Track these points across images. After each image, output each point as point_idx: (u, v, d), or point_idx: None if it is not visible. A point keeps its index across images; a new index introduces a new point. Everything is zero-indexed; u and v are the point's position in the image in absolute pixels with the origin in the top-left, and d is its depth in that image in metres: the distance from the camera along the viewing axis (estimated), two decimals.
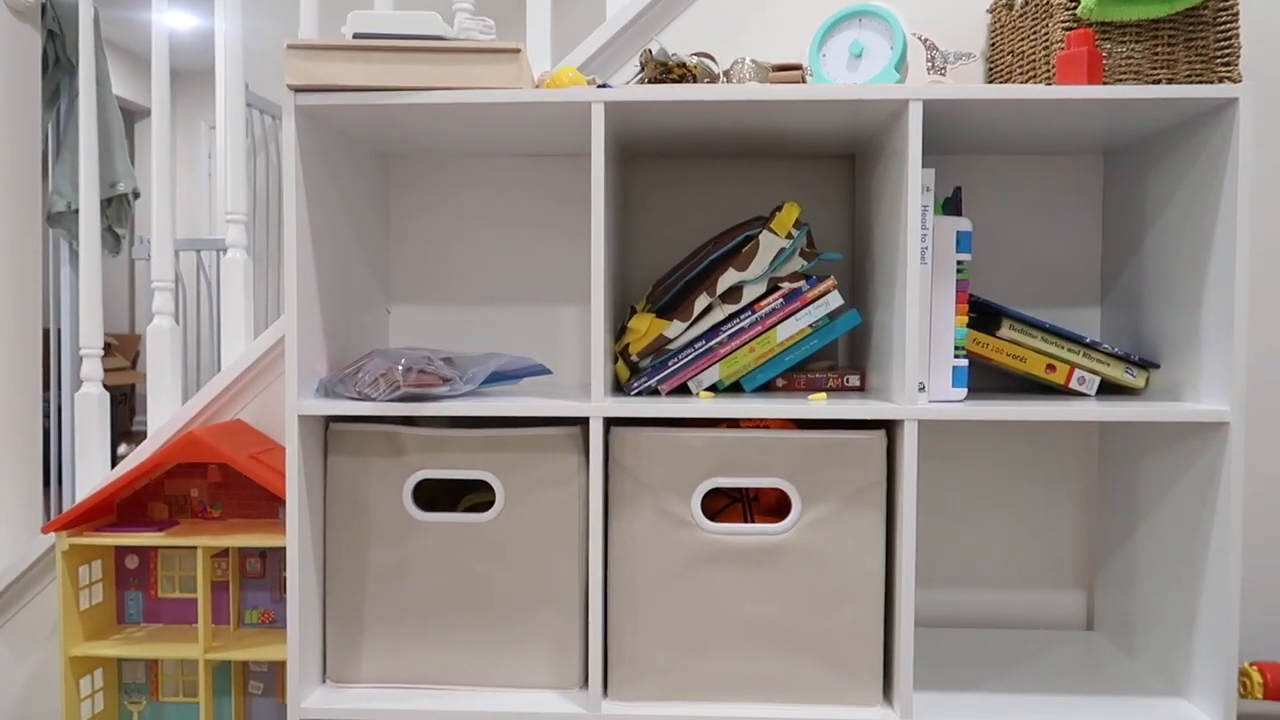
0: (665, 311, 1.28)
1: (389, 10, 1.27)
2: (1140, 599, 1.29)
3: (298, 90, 1.13)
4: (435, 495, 1.32)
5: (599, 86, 1.14)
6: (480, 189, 1.48)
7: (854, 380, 1.31)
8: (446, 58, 1.12)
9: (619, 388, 1.29)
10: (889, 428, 1.16)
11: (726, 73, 1.28)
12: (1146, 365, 1.25)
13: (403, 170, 1.48)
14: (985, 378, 1.42)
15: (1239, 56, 1.15)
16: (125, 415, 4.72)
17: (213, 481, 1.49)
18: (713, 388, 1.25)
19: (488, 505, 1.27)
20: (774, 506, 1.25)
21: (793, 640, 1.14)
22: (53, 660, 1.58)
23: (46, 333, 1.79)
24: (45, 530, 1.38)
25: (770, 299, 1.24)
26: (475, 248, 1.48)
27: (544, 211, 1.47)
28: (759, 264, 1.23)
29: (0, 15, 1.65)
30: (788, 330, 1.24)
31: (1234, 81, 1.14)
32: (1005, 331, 1.23)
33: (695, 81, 1.22)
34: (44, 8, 1.78)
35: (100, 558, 1.46)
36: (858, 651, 1.14)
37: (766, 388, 1.30)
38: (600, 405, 1.12)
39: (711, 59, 1.28)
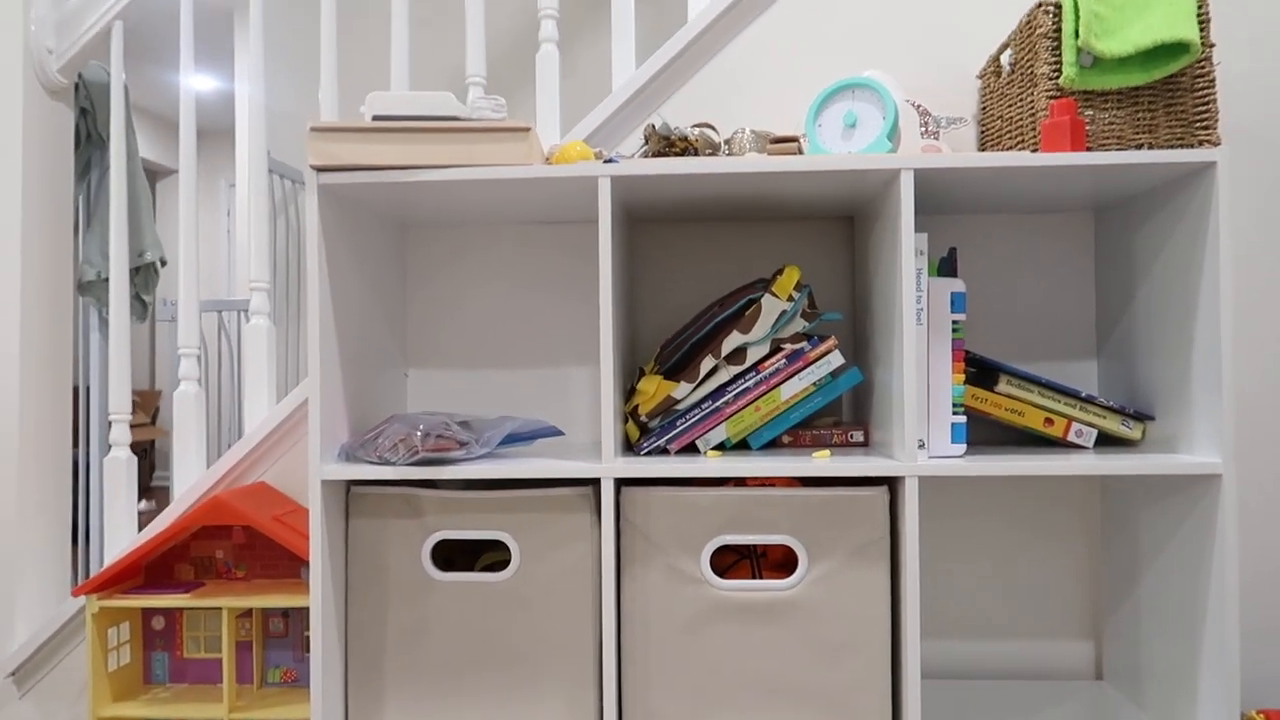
0: (673, 373, 1.33)
1: (406, 92, 1.34)
2: (1146, 648, 1.31)
3: (320, 170, 1.20)
4: (452, 555, 1.36)
5: (605, 160, 1.20)
6: (492, 255, 1.53)
7: (858, 436, 1.35)
8: (461, 137, 1.18)
9: (629, 447, 1.33)
10: (891, 484, 1.19)
11: (727, 142, 1.34)
12: (1142, 417, 1.28)
13: (418, 239, 1.54)
14: (985, 431, 1.45)
15: (1217, 120, 1.19)
16: (146, 471, 4.78)
17: (237, 543, 1.53)
18: (720, 446, 1.29)
19: (503, 564, 1.31)
20: (781, 562, 1.28)
21: (801, 693, 1.17)
22: None
23: (75, 389, 1.85)
24: (76, 593, 1.43)
25: (773, 359, 1.28)
26: (488, 312, 1.53)
27: (553, 276, 1.53)
28: (761, 326, 1.27)
29: (36, 95, 1.73)
30: (791, 389, 1.28)
31: (1213, 145, 1.19)
32: (1003, 386, 1.27)
33: (697, 154, 1.28)
34: (76, 87, 1.87)
35: (128, 619, 1.50)
36: (865, 704, 1.16)
37: (773, 444, 1.34)
38: (611, 466, 1.16)
39: (712, 128, 1.34)
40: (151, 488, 4.81)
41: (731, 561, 1.28)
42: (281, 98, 2.60)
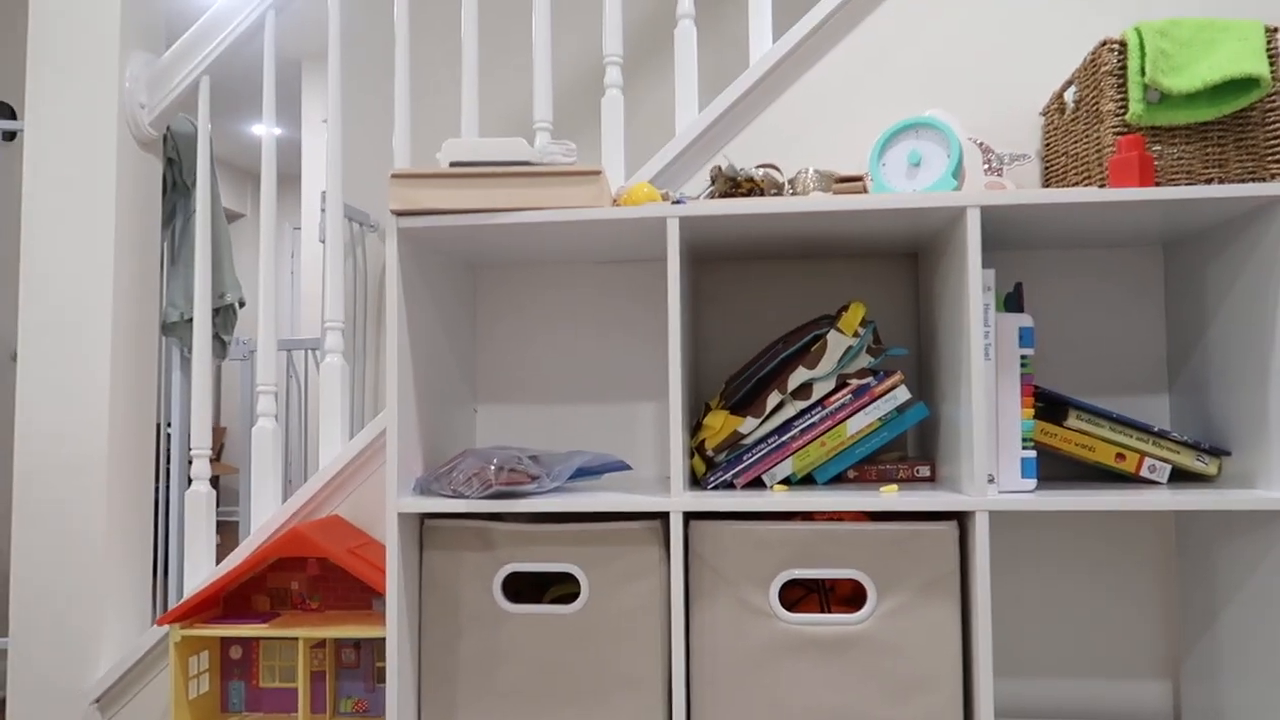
0: (739, 408, 1.35)
1: (480, 138, 1.39)
2: (1227, 689, 1.27)
3: (400, 214, 1.25)
4: (520, 587, 1.38)
5: (674, 202, 1.23)
6: (559, 294, 1.57)
7: (924, 471, 1.35)
8: (534, 181, 1.23)
9: (695, 482, 1.35)
10: (961, 519, 1.19)
11: (791, 182, 1.36)
12: (1218, 452, 1.26)
13: (488, 278, 1.59)
14: (1056, 466, 1.44)
15: None
16: None
17: (311, 575, 1.57)
18: (786, 480, 1.30)
19: (572, 596, 1.32)
20: (849, 596, 1.28)
21: None
22: None
23: (157, 426, 1.93)
24: (159, 623, 1.48)
25: (839, 394, 1.29)
26: (555, 349, 1.57)
27: (619, 314, 1.56)
28: (827, 362, 1.29)
29: (129, 147, 1.83)
30: (857, 424, 1.29)
31: None
32: (1072, 421, 1.26)
33: (763, 194, 1.31)
34: (165, 138, 1.97)
35: (207, 648, 1.54)
36: None
37: (839, 479, 1.35)
38: (680, 500, 1.18)
39: (776, 169, 1.37)
40: (217, 523, 4.93)
41: (799, 596, 1.28)
42: (345, 143, 2.69)
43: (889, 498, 1.16)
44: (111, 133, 1.78)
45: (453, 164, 1.25)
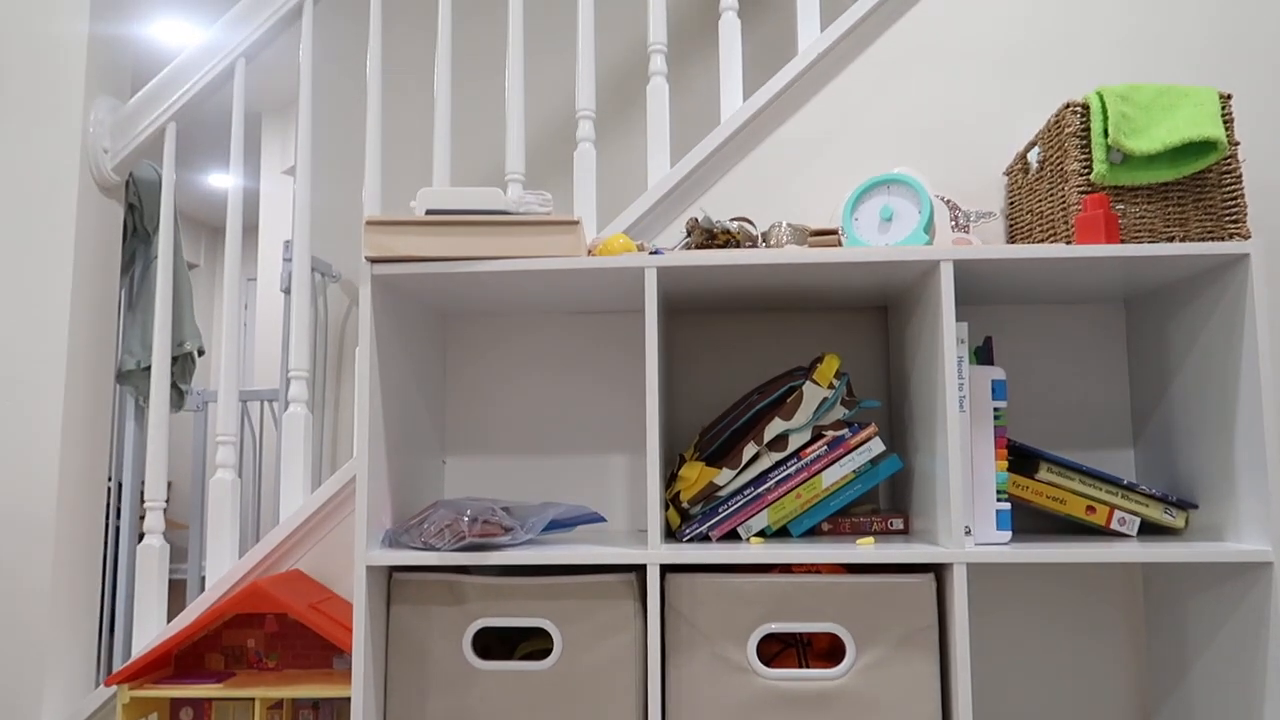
0: (714, 459, 1.34)
1: (455, 188, 1.39)
2: None
3: (374, 261, 1.23)
4: (488, 642, 1.34)
5: (651, 252, 1.24)
6: (531, 344, 1.56)
7: (897, 524, 1.35)
8: (512, 230, 1.23)
9: (670, 534, 1.33)
10: (938, 571, 1.19)
11: (764, 236, 1.38)
12: (1185, 506, 1.28)
13: (460, 328, 1.57)
14: (1026, 519, 1.45)
15: (1245, 213, 1.23)
16: None
17: (269, 632, 1.51)
18: (761, 533, 1.29)
19: (543, 651, 1.29)
20: (827, 651, 1.27)
21: None
22: None
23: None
24: (108, 683, 1.41)
25: (815, 446, 1.29)
26: (526, 400, 1.55)
27: (591, 365, 1.55)
28: (803, 413, 1.29)
29: (90, 192, 1.79)
30: (832, 476, 1.29)
31: (1243, 237, 1.22)
32: (1043, 474, 1.27)
33: (739, 246, 1.32)
34: (127, 184, 1.94)
35: (157, 710, 1.47)
36: None
37: (813, 532, 1.34)
38: (657, 552, 1.16)
39: (750, 222, 1.38)
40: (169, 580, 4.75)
41: (777, 650, 1.26)
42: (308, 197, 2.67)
43: (867, 550, 1.16)
44: (73, 176, 1.75)
45: (428, 212, 1.25)
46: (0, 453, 1.68)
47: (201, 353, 2.15)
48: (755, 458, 1.30)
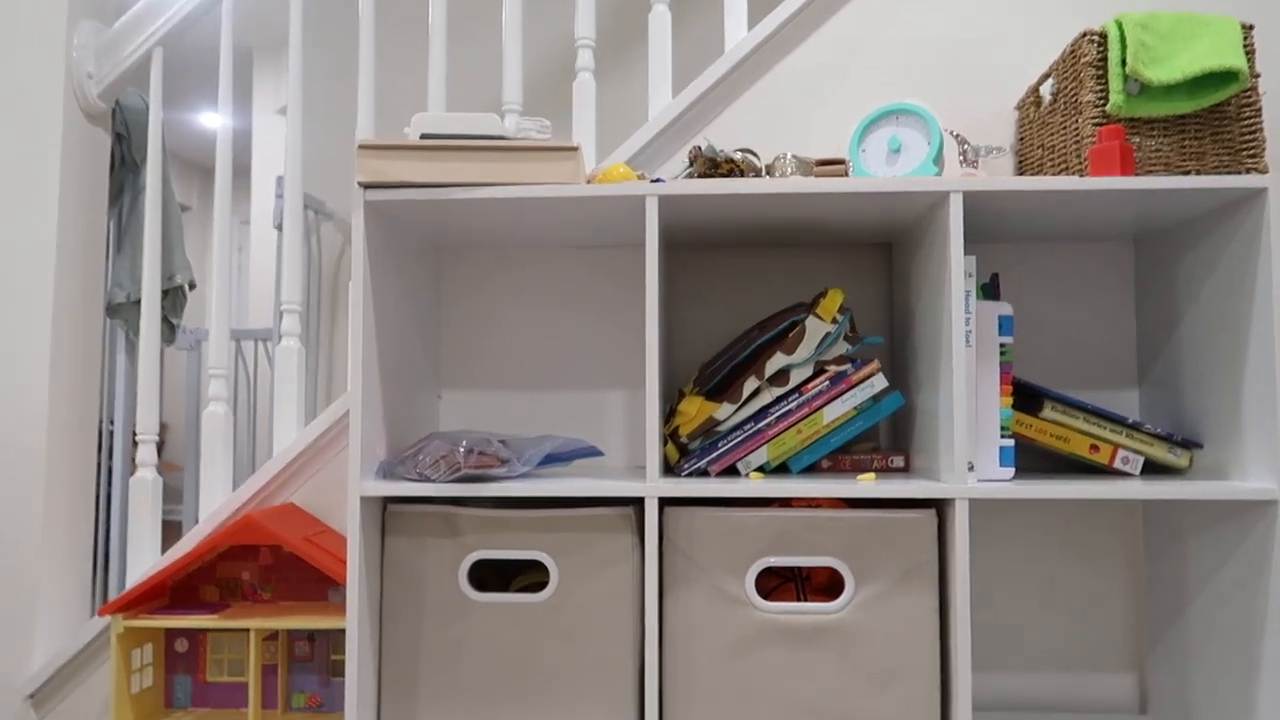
0: (714, 394, 1.32)
1: (450, 113, 1.35)
2: (1194, 681, 1.28)
3: (367, 187, 1.20)
4: (485, 576, 1.34)
5: (652, 181, 1.20)
6: (527, 278, 1.53)
7: (898, 462, 1.34)
8: (509, 155, 1.19)
9: (669, 469, 1.32)
10: (939, 507, 1.18)
11: (769, 167, 1.34)
12: (1189, 445, 1.27)
13: (455, 260, 1.54)
14: (1029, 459, 1.44)
15: (1264, 148, 1.20)
16: None
17: (264, 564, 1.51)
18: (761, 469, 1.27)
19: (539, 585, 1.28)
20: (826, 586, 1.26)
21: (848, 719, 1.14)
22: None
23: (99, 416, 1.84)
24: (102, 612, 1.40)
25: (817, 381, 1.27)
26: (522, 334, 1.53)
27: (589, 299, 1.52)
28: (805, 348, 1.27)
29: (75, 119, 1.74)
30: (834, 412, 1.27)
31: (1261, 172, 1.19)
32: (1047, 413, 1.25)
33: (743, 176, 1.28)
34: (114, 112, 1.89)
35: (152, 641, 1.47)
36: None
37: (813, 469, 1.33)
38: (655, 485, 1.15)
39: (754, 154, 1.35)
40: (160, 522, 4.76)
41: (775, 584, 1.26)
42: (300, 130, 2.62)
43: (868, 485, 1.14)
44: (57, 102, 1.70)
45: (423, 136, 1.21)
46: None
47: (193, 286, 2.11)
48: (756, 392, 1.28)
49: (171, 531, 1.79)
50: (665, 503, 1.20)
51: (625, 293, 1.52)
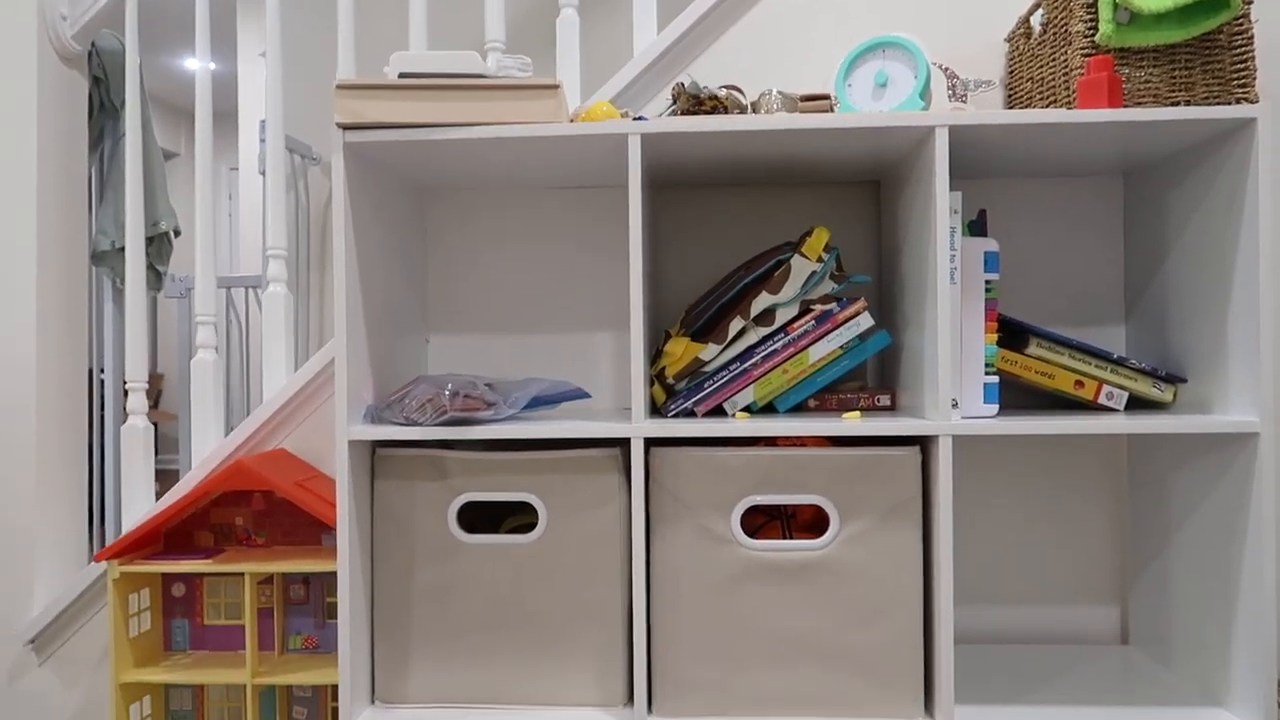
0: (700, 335, 1.32)
1: (430, 51, 1.32)
2: (1175, 612, 1.30)
3: (346, 128, 1.18)
4: (475, 519, 1.35)
5: (634, 119, 1.19)
6: (513, 221, 1.52)
7: (884, 400, 1.34)
8: (490, 94, 1.17)
9: (655, 410, 1.32)
10: (923, 444, 1.18)
11: (754, 104, 1.32)
12: (1174, 380, 1.27)
13: (440, 204, 1.53)
14: (1014, 396, 1.44)
15: (1255, 78, 1.18)
16: None
17: (257, 510, 1.52)
18: (747, 409, 1.28)
19: (529, 527, 1.30)
20: (811, 523, 1.27)
21: (833, 655, 1.16)
22: (100, 688, 1.60)
23: (89, 373, 1.84)
24: (98, 558, 1.42)
25: (802, 321, 1.27)
26: (509, 277, 1.52)
27: (575, 241, 1.51)
28: (791, 287, 1.26)
29: (50, 62, 1.71)
30: (820, 351, 1.27)
31: (1251, 102, 1.18)
32: (1033, 349, 1.25)
33: (727, 113, 1.27)
34: (90, 55, 1.85)
35: (148, 585, 1.49)
36: (898, 665, 1.16)
37: (799, 409, 1.33)
38: (641, 426, 1.15)
39: (739, 91, 1.33)
40: (156, 472, 4.79)
41: (761, 523, 1.27)
42: (286, 73, 2.57)
43: (853, 423, 1.15)
44: (31, 45, 1.67)
45: (402, 75, 1.19)
46: None
47: (178, 233, 2.09)
48: (741, 332, 1.27)
49: (170, 480, 1.80)
50: (651, 443, 1.21)
51: (611, 233, 1.51)
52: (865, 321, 1.27)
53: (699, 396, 1.26)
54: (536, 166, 1.34)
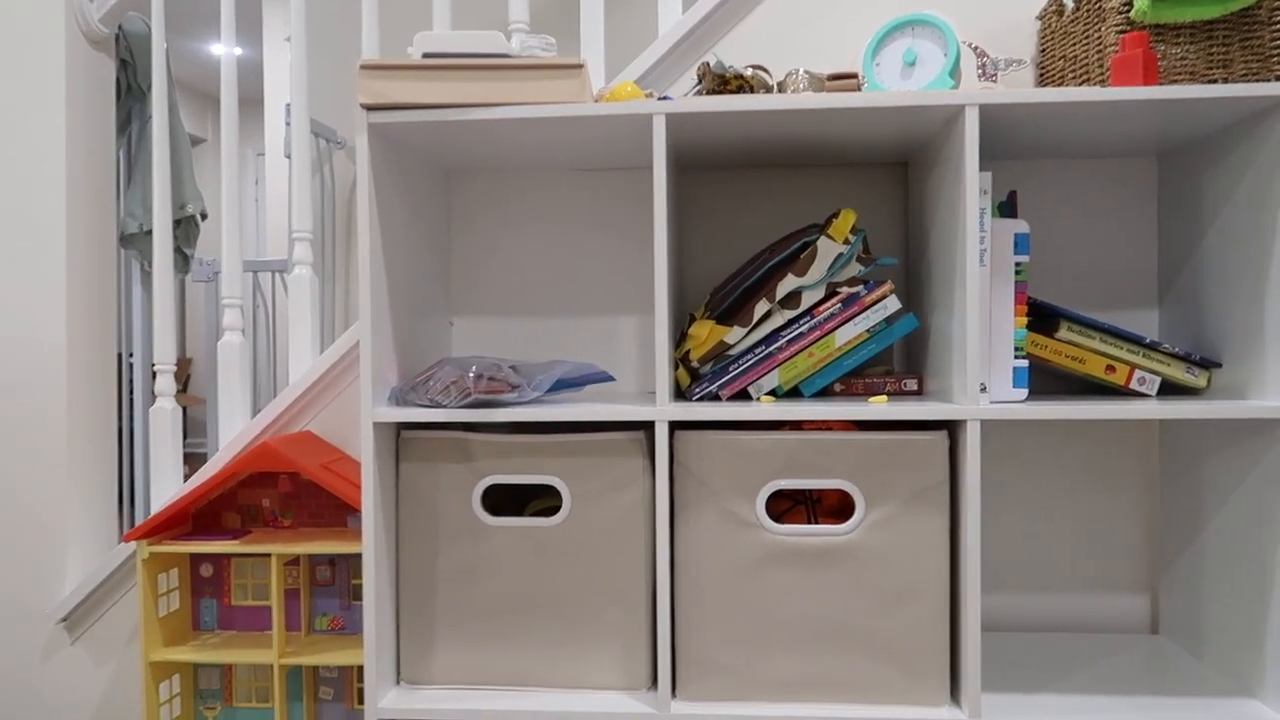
0: (725, 318, 1.31)
1: (454, 31, 1.31)
2: (1207, 601, 1.28)
3: (370, 109, 1.18)
4: (499, 501, 1.35)
5: (659, 99, 1.17)
6: (537, 203, 1.51)
7: (911, 385, 1.33)
8: (513, 74, 1.16)
9: (680, 394, 1.31)
10: (951, 429, 1.17)
11: (780, 84, 1.30)
12: (1208, 365, 1.25)
13: (464, 185, 1.52)
14: (1044, 381, 1.42)
15: None
16: None
17: (283, 491, 1.53)
18: (772, 393, 1.27)
19: (553, 509, 1.30)
20: (836, 509, 1.26)
21: (858, 640, 1.15)
22: (130, 666, 1.63)
23: (118, 356, 1.86)
24: (126, 539, 1.43)
25: (829, 304, 1.25)
26: (533, 260, 1.52)
27: (599, 224, 1.51)
28: (817, 269, 1.25)
29: (77, 45, 1.72)
30: (846, 335, 1.26)
31: None
32: (1063, 333, 1.23)
33: (753, 92, 1.25)
34: (117, 38, 1.86)
35: (177, 566, 1.51)
36: (923, 651, 1.15)
37: (825, 393, 1.32)
38: (666, 409, 1.15)
39: (765, 71, 1.31)
40: (185, 455, 4.85)
41: (786, 508, 1.26)
42: (311, 57, 2.58)
43: (879, 407, 1.14)
44: (59, 27, 1.68)
45: (425, 56, 1.18)
46: (5, 319, 1.67)
47: (204, 216, 2.11)
48: (767, 315, 1.26)
49: (198, 463, 1.82)
50: (676, 426, 1.20)
51: (636, 216, 1.50)
52: (892, 305, 1.26)
53: (724, 380, 1.25)
54: (561, 147, 1.33)
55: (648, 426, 1.22)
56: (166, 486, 1.64)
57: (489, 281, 1.52)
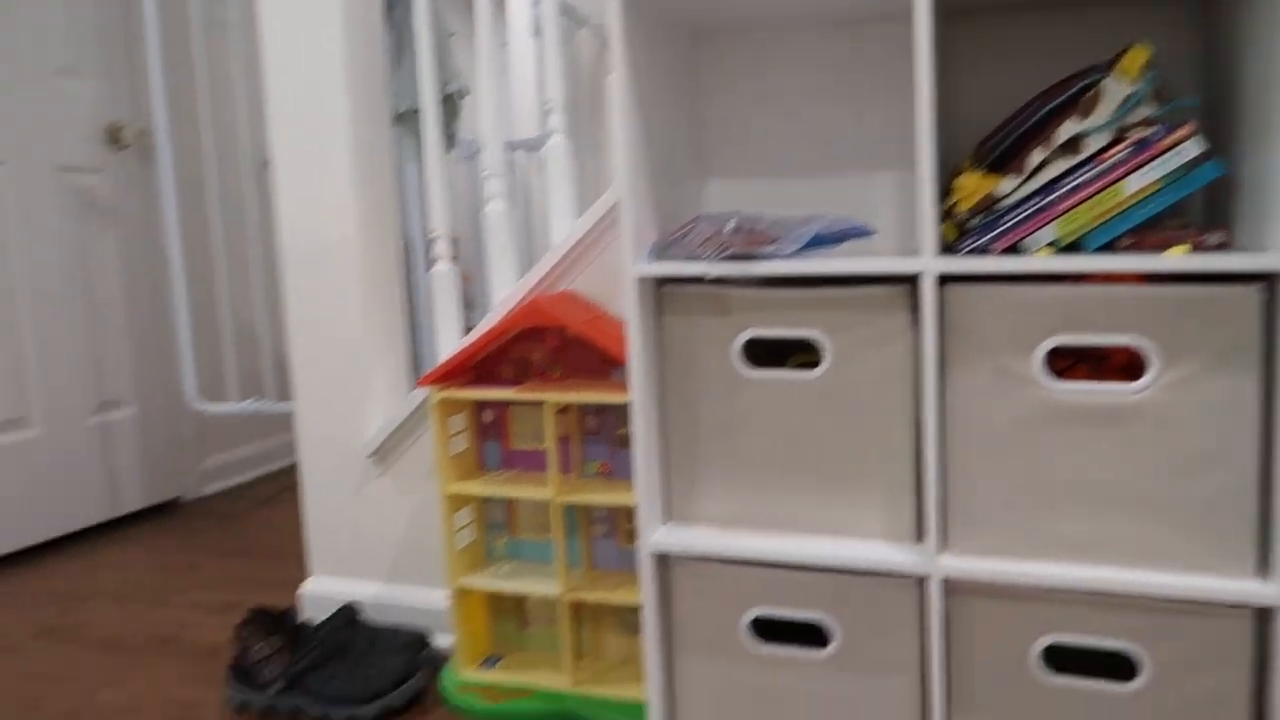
0: (995, 168, 1.23)
1: None
2: None
3: None
4: (759, 354, 1.37)
5: None
6: (788, 59, 1.47)
7: (1216, 239, 1.19)
8: None
9: (945, 250, 1.26)
10: (1268, 282, 1.05)
11: None
12: None
13: (713, 46, 1.50)
14: None
15: None
16: None
17: (551, 347, 1.64)
18: (1050, 246, 1.19)
19: (812, 365, 1.30)
20: (1123, 367, 1.18)
21: (1148, 506, 1.09)
22: (429, 497, 1.84)
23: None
24: (419, 384, 1.60)
25: (1117, 149, 1.15)
26: (785, 119, 1.48)
27: (853, 79, 1.44)
28: (1103, 111, 1.14)
29: None
30: (1137, 183, 1.15)
31: None
32: None
33: None
34: None
35: (463, 411, 1.67)
36: (1226, 520, 1.07)
37: (1109, 248, 1.22)
38: (933, 262, 1.11)
39: None
40: None
41: (1064, 367, 1.20)
42: None
43: (1179, 259, 1.04)
44: None
45: None
46: (304, 198, 1.86)
47: (465, 93, 2.21)
48: (1043, 164, 1.17)
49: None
50: (943, 280, 1.16)
51: (893, 69, 1.42)
52: (1193, 149, 1.13)
53: (995, 233, 1.19)
54: None
55: (912, 280, 1.19)
56: (448, 341, 1.80)
57: (741, 142, 1.51)
